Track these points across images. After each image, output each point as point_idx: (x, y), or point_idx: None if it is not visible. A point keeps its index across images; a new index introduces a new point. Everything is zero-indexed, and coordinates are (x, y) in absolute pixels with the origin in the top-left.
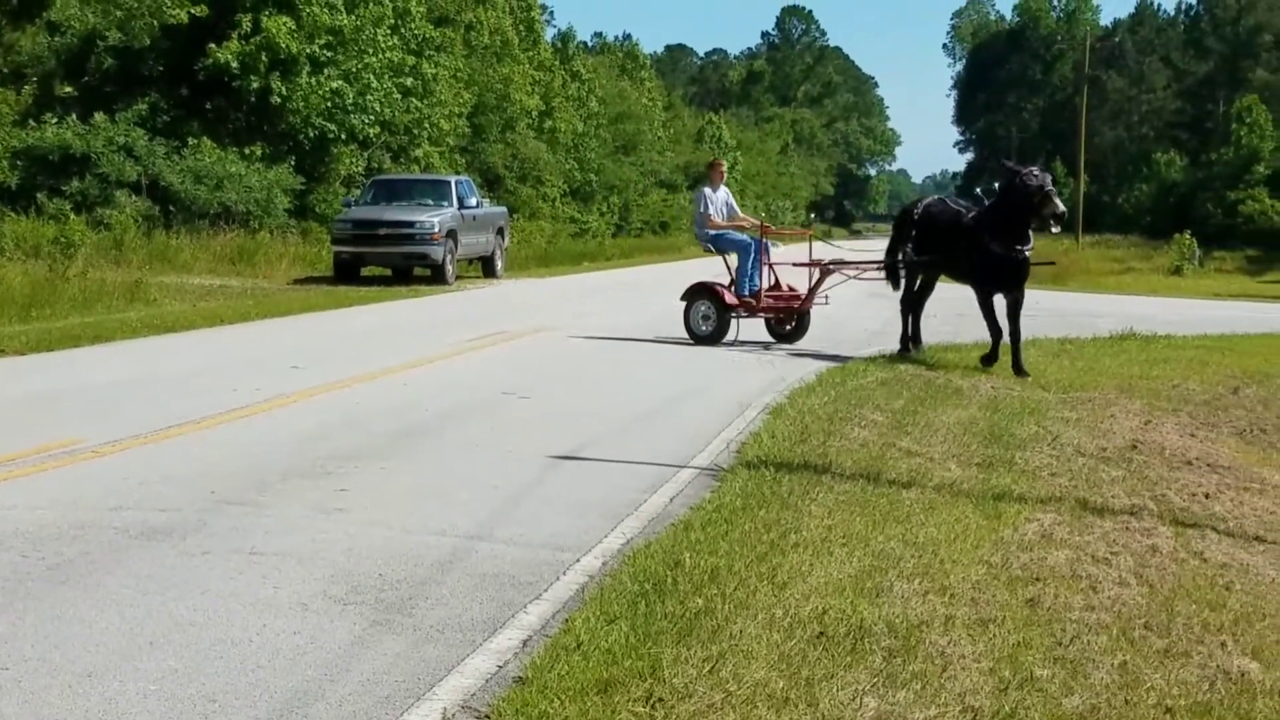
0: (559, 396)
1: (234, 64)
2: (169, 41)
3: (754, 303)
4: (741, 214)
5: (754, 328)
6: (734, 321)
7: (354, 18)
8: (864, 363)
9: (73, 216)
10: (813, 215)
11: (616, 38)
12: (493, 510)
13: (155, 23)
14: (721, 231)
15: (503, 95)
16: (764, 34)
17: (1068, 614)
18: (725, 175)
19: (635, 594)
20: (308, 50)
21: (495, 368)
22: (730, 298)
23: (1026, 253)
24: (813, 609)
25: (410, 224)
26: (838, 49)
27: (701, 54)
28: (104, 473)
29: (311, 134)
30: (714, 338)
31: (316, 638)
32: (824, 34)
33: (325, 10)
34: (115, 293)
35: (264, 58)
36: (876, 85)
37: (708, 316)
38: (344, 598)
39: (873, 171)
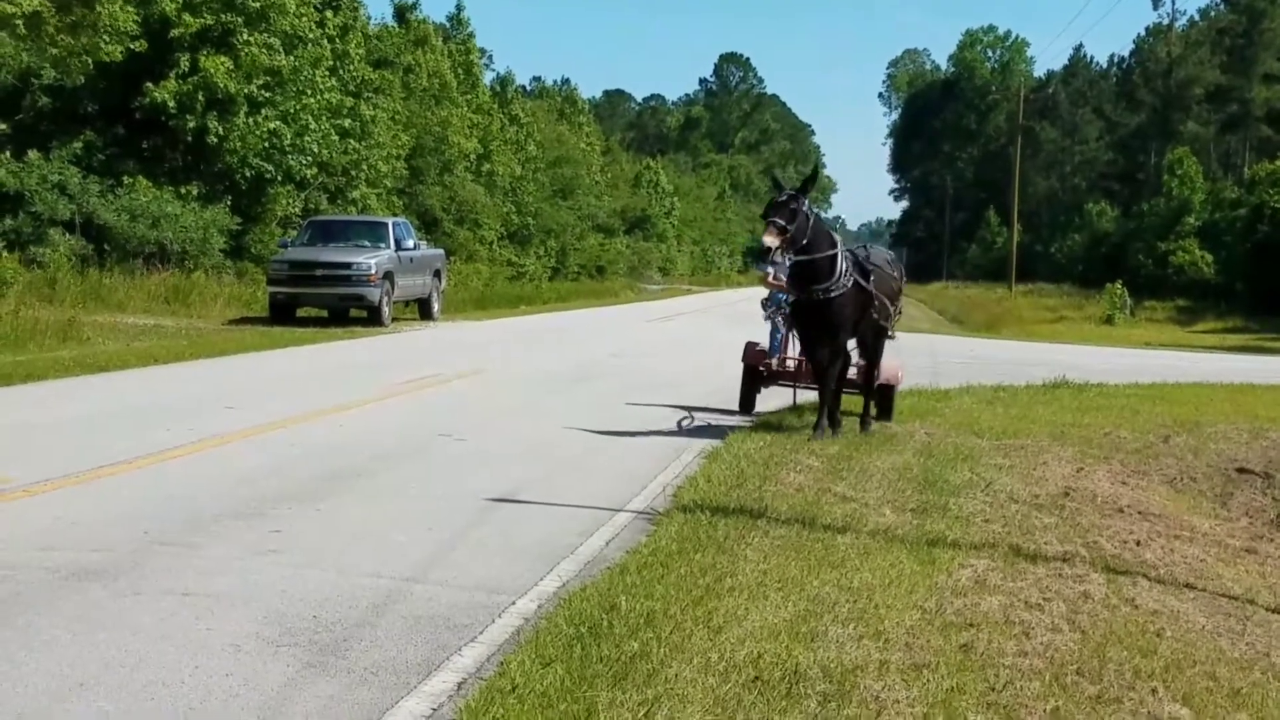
0: (495, 439)
1: (171, 103)
2: (105, 80)
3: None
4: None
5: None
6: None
7: (292, 59)
8: (801, 409)
9: (4, 255)
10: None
11: (555, 82)
12: (428, 553)
13: (90, 61)
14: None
15: (441, 138)
16: (702, 80)
17: (1001, 660)
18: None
19: (571, 637)
20: (245, 90)
21: (431, 410)
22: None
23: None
24: (748, 653)
25: (347, 265)
26: (775, 96)
27: (640, 99)
28: (35, 512)
29: (248, 174)
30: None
31: (250, 679)
32: (761, 81)
33: (264, 51)
34: (48, 331)
35: (201, 97)
36: (813, 133)
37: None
38: (278, 639)
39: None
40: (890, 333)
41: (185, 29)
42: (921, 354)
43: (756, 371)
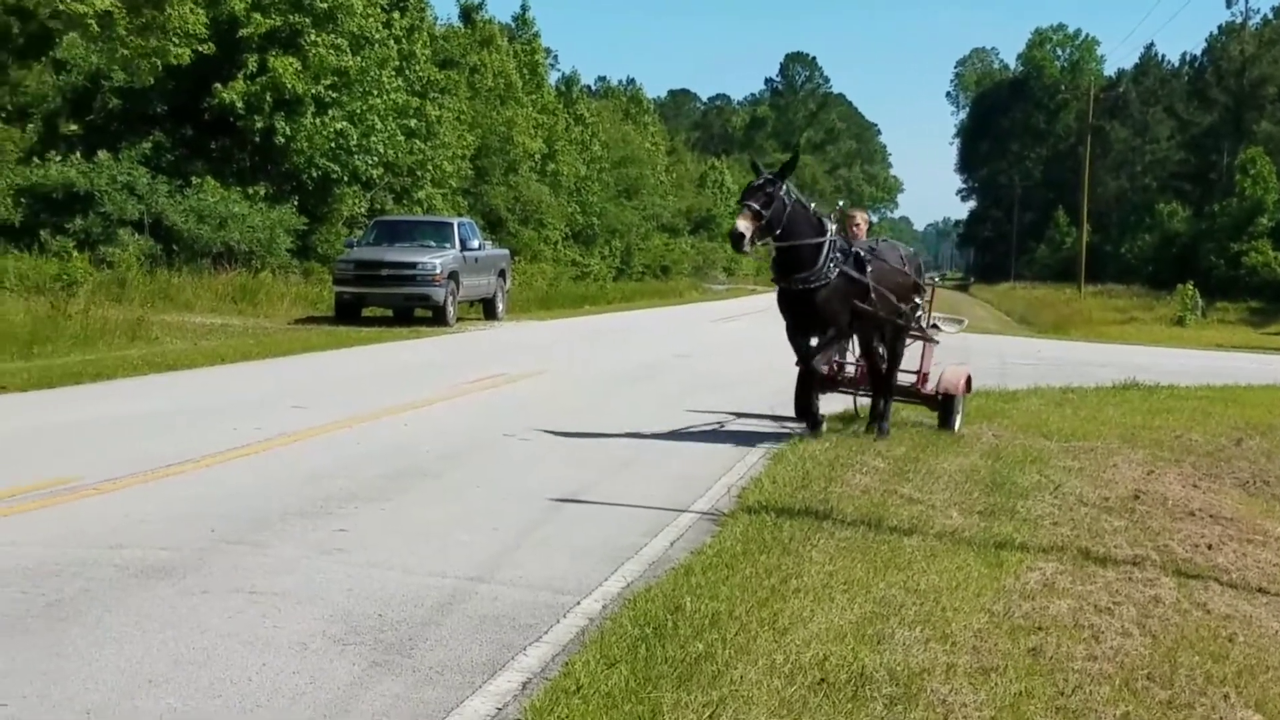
0: (559, 439)
1: (239, 104)
2: (174, 81)
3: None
4: None
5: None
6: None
7: (359, 59)
8: (866, 410)
9: (75, 254)
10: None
11: (621, 82)
12: (493, 552)
13: (159, 63)
14: None
15: (506, 138)
16: (768, 80)
17: (1070, 664)
18: (863, 229)
19: (636, 638)
20: (313, 91)
21: (496, 410)
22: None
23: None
24: (814, 655)
25: (412, 265)
26: (841, 95)
27: (705, 99)
28: (105, 510)
29: (315, 174)
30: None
31: (316, 678)
32: (828, 81)
33: (331, 51)
34: (117, 331)
35: (269, 98)
36: (879, 132)
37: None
38: (343, 638)
39: (875, 218)
40: (917, 331)
41: (254, 29)
42: (989, 355)
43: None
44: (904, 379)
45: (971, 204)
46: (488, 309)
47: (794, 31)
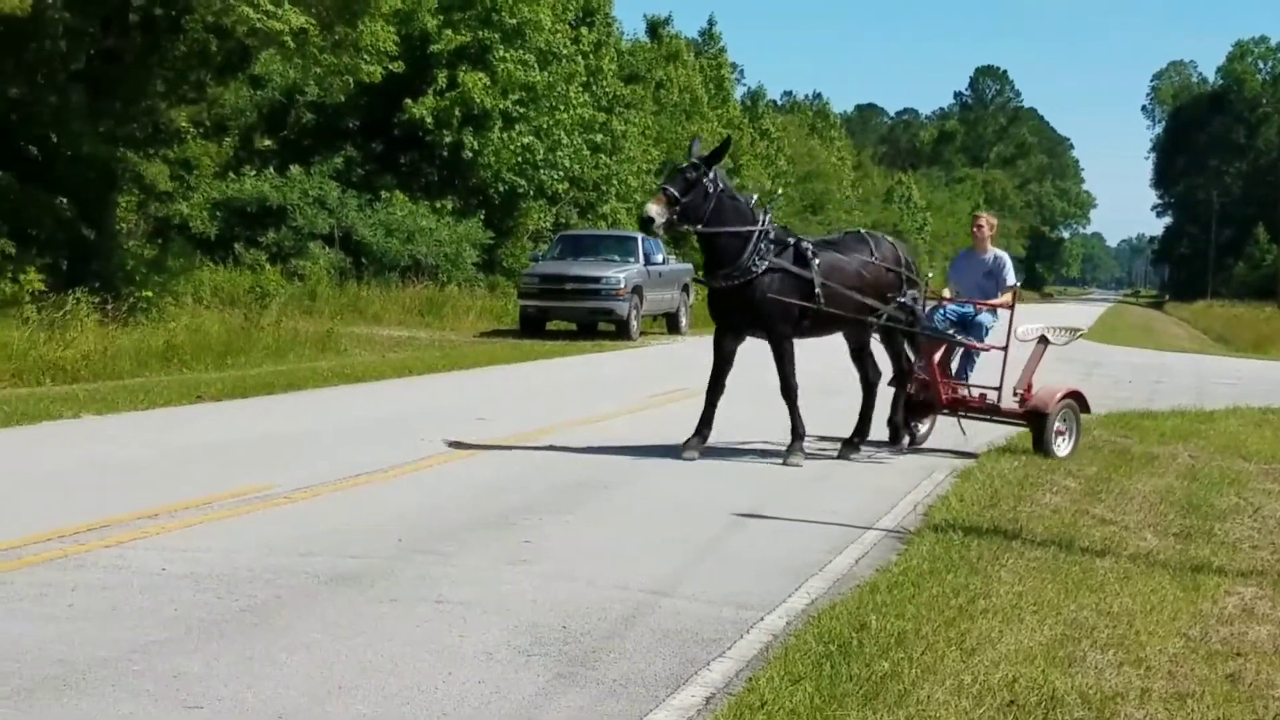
0: (739, 453)
1: (428, 119)
2: (365, 97)
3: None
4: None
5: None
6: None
7: (547, 74)
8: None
9: (268, 267)
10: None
11: (806, 96)
12: (675, 566)
13: (351, 79)
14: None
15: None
16: (957, 94)
17: (1270, 691)
18: (987, 234)
19: (820, 655)
20: (501, 106)
21: (678, 423)
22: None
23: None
24: (1002, 677)
25: (596, 279)
26: (1032, 110)
27: (892, 113)
28: (295, 518)
29: (501, 188)
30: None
31: (502, 688)
32: (1018, 94)
33: (519, 67)
34: (307, 342)
35: (458, 113)
36: (1071, 146)
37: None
38: (528, 649)
39: (1066, 234)
40: (930, 332)
41: (444, 45)
42: (1186, 374)
43: (905, 396)
44: (981, 394)
45: (1167, 220)
46: (671, 323)
47: (984, 45)
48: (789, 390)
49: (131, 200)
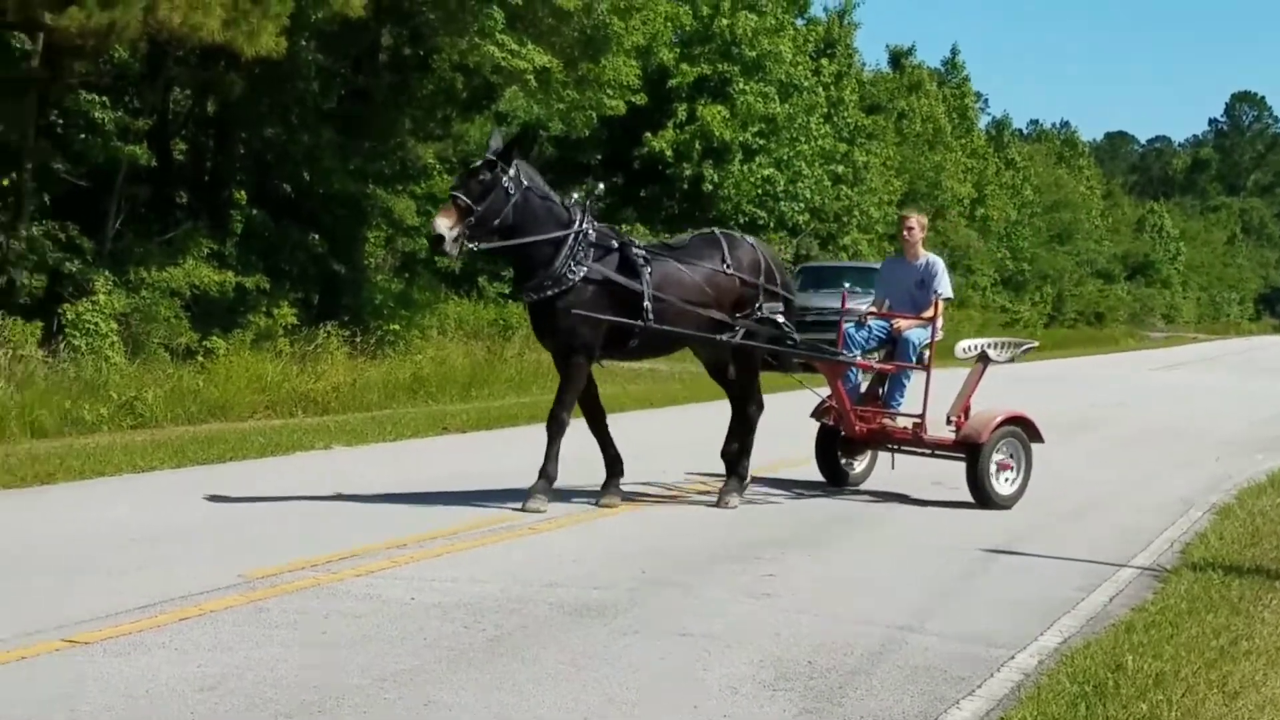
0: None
1: (668, 152)
2: (607, 130)
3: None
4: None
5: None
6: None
7: (787, 106)
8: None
9: (511, 301)
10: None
11: (1054, 125)
12: (922, 602)
13: (594, 114)
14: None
15: (934, 183)
16: (1211, 120)
17: None
18: (919, 236)
19: (1075, 695)
20: (740, 138)
21: (929, 457)
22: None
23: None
24: None
25: (838, 311)
26: None
27: (1143, 141)
28: (540, 548)
29: (742, 220)
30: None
31: None
32: (1277, 120)
33: (759, 99)
34: (549, 374)
35: (698, 145)
36: None
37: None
38: (773, 683)
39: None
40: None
41: (683, 79)
42: None
43: (828, 430)
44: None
45: None
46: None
47: (1240, 70)
48: (557, 422)
49: (380, 235)
